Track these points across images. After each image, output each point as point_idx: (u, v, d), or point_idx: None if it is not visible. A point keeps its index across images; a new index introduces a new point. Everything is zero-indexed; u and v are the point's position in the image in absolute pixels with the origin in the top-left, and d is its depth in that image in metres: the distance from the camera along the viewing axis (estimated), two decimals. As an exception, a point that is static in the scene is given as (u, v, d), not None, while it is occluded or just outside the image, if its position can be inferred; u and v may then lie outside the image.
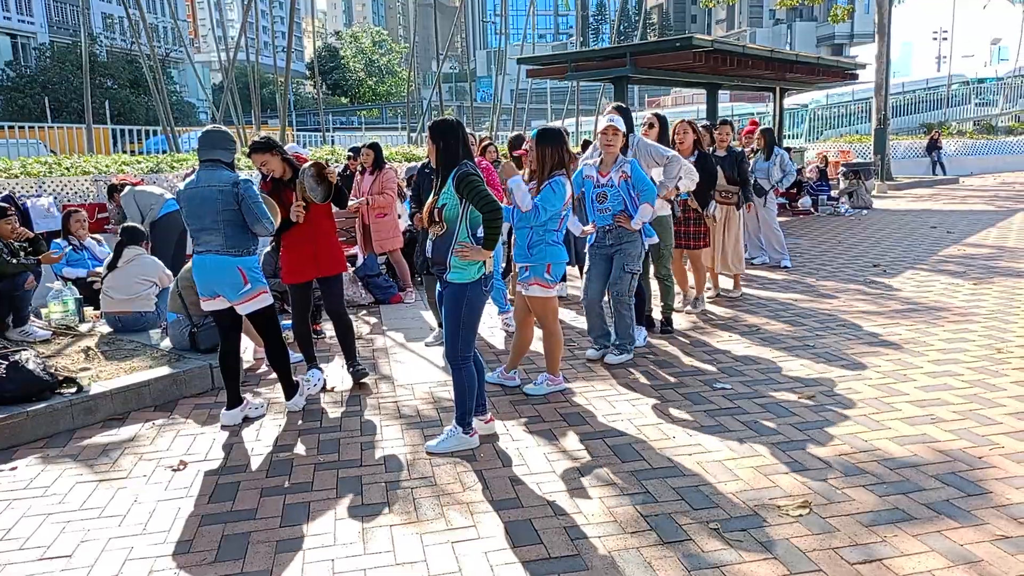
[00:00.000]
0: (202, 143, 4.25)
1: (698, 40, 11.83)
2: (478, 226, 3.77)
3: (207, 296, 4.33)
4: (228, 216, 4.14)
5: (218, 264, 4.20)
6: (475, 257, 3.77)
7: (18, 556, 3.07)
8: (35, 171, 9.23)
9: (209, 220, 4.15)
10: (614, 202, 5.05)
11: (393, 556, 2.96)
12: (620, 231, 5.10)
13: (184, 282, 5.38)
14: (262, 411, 4.57)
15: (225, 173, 4.17)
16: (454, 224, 3.78)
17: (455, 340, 3.89)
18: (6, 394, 4.32)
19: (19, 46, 42.15)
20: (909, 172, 23.15)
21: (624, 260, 5.13)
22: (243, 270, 4.23)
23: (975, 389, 4.60)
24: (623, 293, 5.18)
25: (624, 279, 5.16)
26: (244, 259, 4.24)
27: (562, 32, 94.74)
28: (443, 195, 3.80)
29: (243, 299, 4.27)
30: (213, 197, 4.11)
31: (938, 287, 7.53)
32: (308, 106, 51.87)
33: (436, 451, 3.91)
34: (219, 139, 4.25)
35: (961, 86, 34.95)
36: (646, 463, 3.70)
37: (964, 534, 2.97)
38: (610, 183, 5.05)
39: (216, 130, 4.33)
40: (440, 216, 3.78)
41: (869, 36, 54.82)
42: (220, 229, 4.16)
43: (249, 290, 4.26)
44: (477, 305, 3.89)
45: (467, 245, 3.77)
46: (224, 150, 4.24)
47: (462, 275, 3.81)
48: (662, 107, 40.33)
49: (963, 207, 15.25)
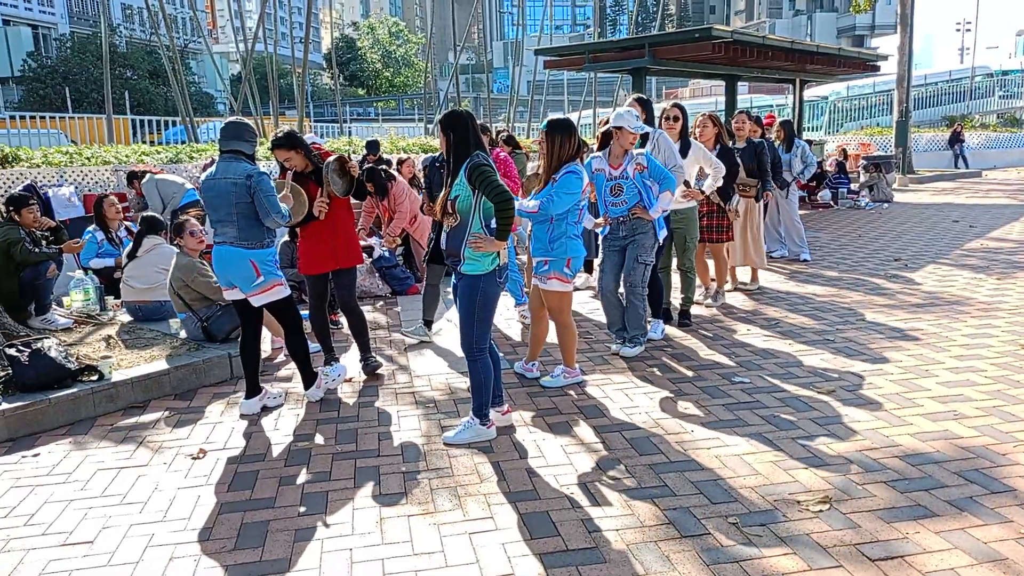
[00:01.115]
0: (223, 134, 4.26)
1: (718, 31, 11.73)
2: (491, 217, 3.76)
3: (225, 286, 4.38)
4: (242, 208, 4.16)
5: (231, 255, 4.23)
6: (489, 248, 3.76)
7: (41, 541, 3.11)
8: (56, 161, 9.32)
9: (224, 212, 4.18)
10: (630, 194, 5.02)
11: (411, 546, 2.97)
12: (634, 223, 5.07)
13: (177, 283, 5.40)
14: (280, 401, 4.60)
15: (242, 165, 4.18)
16: (467, 215, 3.77)
17: (470, 331, 3.88)
18: (28, 381, 4.37)
19: (40, 37, 42.54)
20: (931, 165, 22.88)
21: (637, 251, 5.10)
22: (255, 262, 4.23)
23: (998, 385, 4.54)
24: (636, 284, 5.15)
25: (638, 270, 5.13)
26: (257, 252, 4.24)
27: (579, 23, 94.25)
28: (456, 187, 3.79)
29: (256, 291, 4.29)
30: (228, 189, 4.14)
31: (960, 282, 7.43)
32: (325, 97, 51.98)
33: (453, 442, 3.91)
34: (240, 130, 4.26)
35: (985, 78, 34.44)
36: (664, 456, 3.69)
37: (988, 531, 2.93)
38: (624, 175, 5.01)
39: (238, 121, 4.33)
40: (453, 208, 3.77)
41: (891, 27, 54.13)
42: (234, 221, 4.18)
43: (262, 282, 4.27)
44: (491, 297, 3.88)
45: (480, 236, 3.76)
46: (244, 141, 4.25)
47: (476, 266, 3.80)
48: (680, 98, 40.08)
49: (986, 201, 15.05)
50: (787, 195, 8.75)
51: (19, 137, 14.74)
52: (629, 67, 13.14)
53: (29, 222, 6.12)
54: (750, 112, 6.71)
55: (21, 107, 32.28)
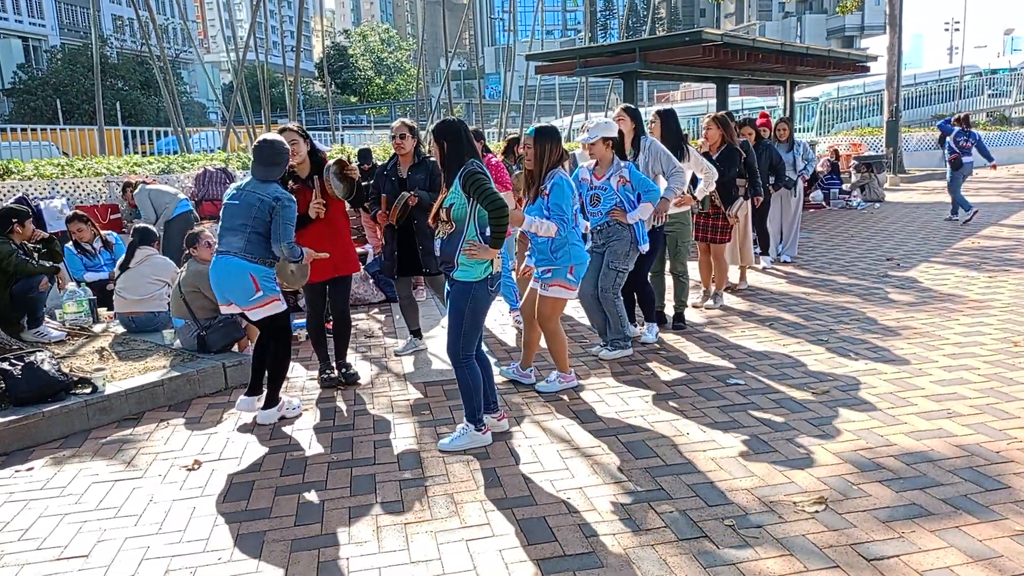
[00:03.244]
0: (257, 158, 4.28)
1: (708, 34, 11.77)
2: (486, 225, 3.78)
3: (222, 302, 4.40)
4: (258, 225, 4.20)
5: (233, 266, 4.22)
6: (483, 256, 3.78)
7: (36, 556, 3.09)
8: (48, 173, 9.30)
9: (239, 222, 4.21)
10: (607, 205, 5.05)
11: (408, 555, 2.96)
12: (609, 229, 5.09)
13: (189, 287, 5.38)
14: (299, 411, 4.57)
15: (274, 187, 4.25)
16: (462, 223, 3.79)
17: (457, 338, 3.89)
18: (22, 395, 4.35)
19: (31, 48, 42.45)
20: (922, 165, 22.95)
21: (610, 257, 5.12)
22: (255, 277, 4.23)
23: (992, 383, 4.56)
24: (607, 289, 5.17)
25: (608, 276, 5.14)
26: (258, 267, 4.24)
27: (570, 28, 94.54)
28: (451, 195, 3.82)
29: (253, 305, 4.28)
30: (253, 203, 4.20)
31: (952, 280, 7.47)
32: (318, 105, 51.92)
33: (448, 449, 3.91)
34: (269, 155, 4.26)
35: (974, 77, 34.61)
36: (660, 460, 3.69)
37: (983, 530, 2.94)
38: (606, 186, 5.04)
39: (267, 145, 4.29)
40: (448, 215, 3.79)
41: (880, 28, 54.43)
42: (246, 233, 4.20)
43: (260, 297, 4.26)
44: (482, 304, 3.90)
45: (475, 244, 3.78)
46: (271, 167, 4.28)
47: (469, 273, 3.81)
48: (671, 102, 40.16)
49: (977, 199, 15.10)
50: (795, 193, 8.82)
51: (10, 149, 14.72)
52: (620, 71, 13.17)
53: (27, 236, 6.11)
54: (722, 116, 6.77)
55: (12, 119, 32.15)
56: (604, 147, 5.00)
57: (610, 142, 5.01)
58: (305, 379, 5.23)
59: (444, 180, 3.91)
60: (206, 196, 9.72)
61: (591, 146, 4.99)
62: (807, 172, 9.22)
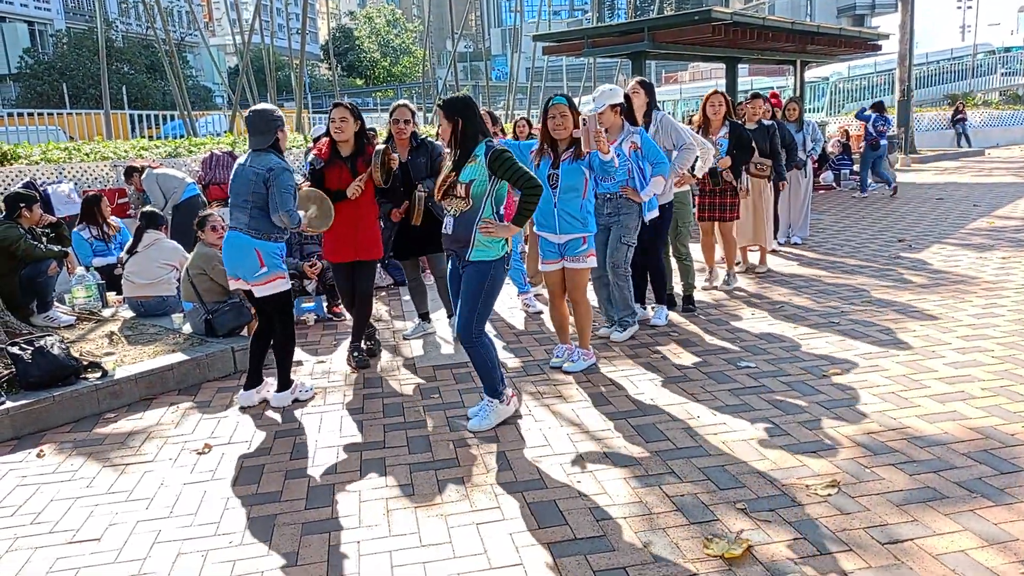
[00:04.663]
0: (248, 128, 4.32)
1: (717, 13, 11.62)
2: (502, 203, 3.79)
3: (231, 276, 4.40)
4: (257, 199, 4.20)
5: (240, 242, 4.25)
6: (501, 234, 3.77)
7: (48, 539, 3.10)
8: (55, 157, 9.30)
9: (242, 199, 4.24)
10: (620, 171, 4.95)
11: (418, 538, 2.96)
12: (619, 201, 5.03)
13: (195, 270, 5.40)
14: (311, 393, 4.58)
15: (268, 158, 4.22)
16: (480, 200, 3.76)
17: (471, 318, 3.86)
18: (32, 379, 4.36)
19: (36, 33, 42.37)
20: (933, 144, 22.73)
21: (621, 232, 5.07)
22: (260, 252, 4.23)
23: (1006, 365, 4.51)
24: (619, 264, 5.13)
25: (620, 250, 5.11)
26: (263, 243, 4.24)
27: (577, 8, 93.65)
28: (470, 170, 3.77)
29: (258, 281, 4.28)
30: (249, 177, 4.20)
31: (965, 261, 7.39)
32: (323, 88, 51.76)
33: (480, 429, 3.89)
34: (256, 124, 4.26)
35: (987, 55, 34.16)
36: (671, 443, 3.67)
37: (997, 513, 2.91)
38: (618, 151, 4.95)
39: (255, 114, 4.30)
40: (467, 192, 3.75)
41: (891, 6, 53.69)
42: (248, 209, 4.22)
43: (265, 273, 4.26)
44: (499, 283, 3.89)
45: (491, 222, 3.75)
46: (260, 135, 4.25)
47: (487, 252, 3.80)
48: (679, 82, 39.86)
49: (989, 179, 14.95)
50: (804, 174, 8.75)
51: (17, 134, 14.71)
52: (628, 51, 13.04)
53: (35, 220, 6.12)
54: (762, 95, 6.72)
55: (18, 104, 32.16)
56: (613, 114, 4.95)
57: (618, 108, 4.97)
58: (313, 364, 5.23)
59: (456, 156, 3.85)
60: (213, 180, 9.70)
61: (600, 115, 4.91)
62: (815, 152, 9.18)
